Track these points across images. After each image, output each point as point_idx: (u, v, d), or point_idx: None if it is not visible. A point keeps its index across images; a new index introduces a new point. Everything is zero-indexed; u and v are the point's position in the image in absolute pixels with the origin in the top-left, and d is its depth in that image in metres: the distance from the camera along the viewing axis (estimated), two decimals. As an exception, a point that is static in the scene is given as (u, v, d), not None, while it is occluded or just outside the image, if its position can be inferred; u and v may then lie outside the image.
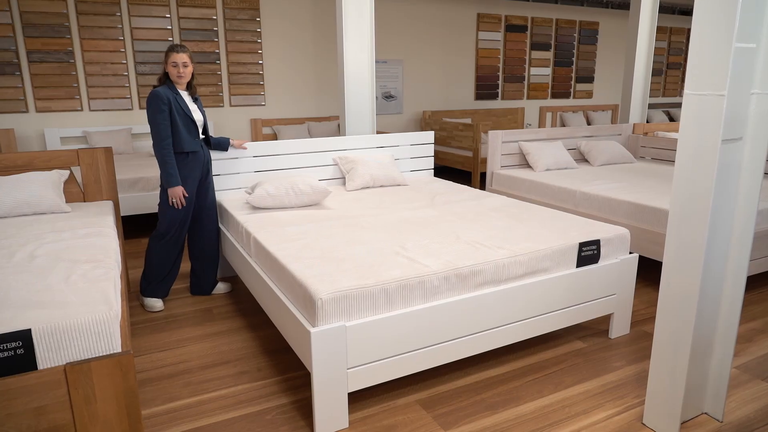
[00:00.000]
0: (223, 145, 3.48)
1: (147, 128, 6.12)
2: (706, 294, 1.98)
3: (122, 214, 4.60)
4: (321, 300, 1.98)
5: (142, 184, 4.58)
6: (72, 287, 1.90)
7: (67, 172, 3.34)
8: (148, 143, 6.13)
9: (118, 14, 5.78)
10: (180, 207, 3.06)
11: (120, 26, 5.81)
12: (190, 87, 3.14)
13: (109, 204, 3.38)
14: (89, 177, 3.40)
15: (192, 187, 3.13)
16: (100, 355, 1.65)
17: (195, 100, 3.16)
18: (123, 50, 5.86)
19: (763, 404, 2.28)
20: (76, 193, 3.40)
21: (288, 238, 2.68)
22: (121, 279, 2.29)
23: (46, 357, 1.60)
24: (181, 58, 2.98)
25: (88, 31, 5.68)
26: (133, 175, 4.59)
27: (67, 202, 3.36)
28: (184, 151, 3.05)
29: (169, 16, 6.01)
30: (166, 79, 3.04)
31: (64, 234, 2.64)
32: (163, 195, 3.09)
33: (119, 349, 1.69)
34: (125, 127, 5.95)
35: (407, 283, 2.15)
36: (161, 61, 6.11)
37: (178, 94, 3.02)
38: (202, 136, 3.19)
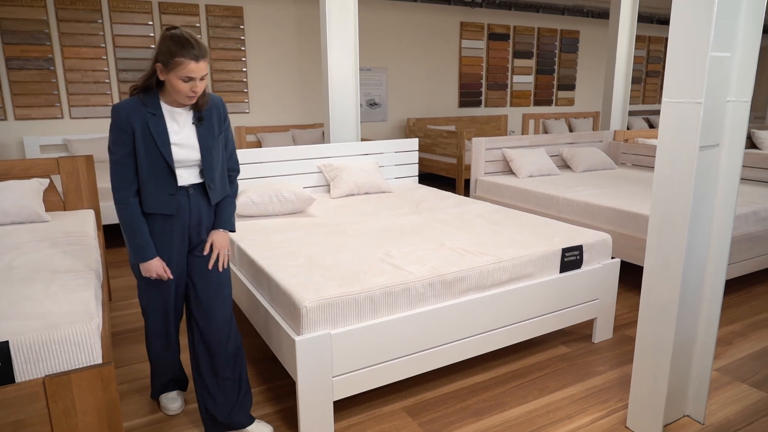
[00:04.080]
0: (216, 221, 2.03)
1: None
2: (686, 298, 2.01)
3: (104, 223, 4.54)
4: (306, 308, 1.97)
5: (124, 192, 4.52)
6: (52, 298, 1.86)
7: (46, 181, 3.29)
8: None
9: (100, 21, 5.72)
10: (166, 279, 1.95)
11: (101, 33, 5.75)
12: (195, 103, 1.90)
13: (90, 213, 3.33)
14: (69, 186, 3.36)
15: (173, 260, 1.96)
16: (81, 366, 1.62)
17: (199, 119, 1.91)
18: (104, 57, 5.81)
19: (743, 406, 2.31)
20: (56, 201, 3.35)
21: (272, 246, 2.67)
22: (102, 289, 2.26)
23: (25, 369, 1.56)
24: (201, 70, 1.77)
25: (68, 38, 5.61)
26: (114, 183, 4.53)
27: (47, 211, 3.31)
28: (149, 213, 1.89)
29: (151, 23, 5.97)
30: (144, 89, 1.84)
31: (44, 243, 2.59)
32: (137, 272, 1.97)
33: (100, 361, 1.67)
34: (107, 135, 5.88)
35: (392, 290, 2.15)
36: (143, 69, 6.04)
37: (157, 113, 1.83)
38: (198, 180, 1.93)
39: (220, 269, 2.03)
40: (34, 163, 3.27)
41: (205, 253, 2.00)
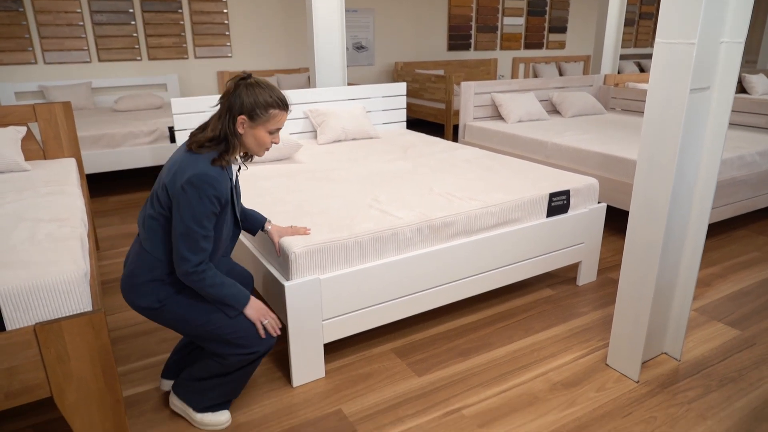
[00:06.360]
0: (258, 223, 2.07)
1: (109, 82, 5.85)
2: (669, 241, 2.05)
3: (86, 172, 4.46)
4: (295, 254, 1.98)
5: (105, 140, 4.43)
6: (37, 247, 1.85)
7: (24, 129, 3.20)
8: (110, 97, 5.87)
9: (69, -42, 5.41)
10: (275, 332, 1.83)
11: (72, -29, 5.44)
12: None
13: (72, 161, 3.26)
14: (48, 133, 3.26)
15: None
16: (72, 314, 1.62)
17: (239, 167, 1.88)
18: (77, -2, 5.52)
19: (717, 344, 2.41)
20: (35, 150, 3.27)
21: (260, 192, 2.65)
22: (89, 238, 2.24)
23: (15, 318, 1.57)
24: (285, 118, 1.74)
25: (37, -24, 5.31)
26: (96, 131, 4.42)
27: (26, 160, 3.23)
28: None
29: (124, -40, 5.66)
30: (224, 152, 1.66)
31: (26, 193, 2.55)
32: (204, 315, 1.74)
33: (90, 308, 1.67)
34: (84, 81, 5.68)
35: (380, 236, 2.16)
36: (118, 10, 5.77)
37: (232, 177, 1.76)
38: None
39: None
40: (9, 111, 3.17)
41: (279, 255, 2.08)
